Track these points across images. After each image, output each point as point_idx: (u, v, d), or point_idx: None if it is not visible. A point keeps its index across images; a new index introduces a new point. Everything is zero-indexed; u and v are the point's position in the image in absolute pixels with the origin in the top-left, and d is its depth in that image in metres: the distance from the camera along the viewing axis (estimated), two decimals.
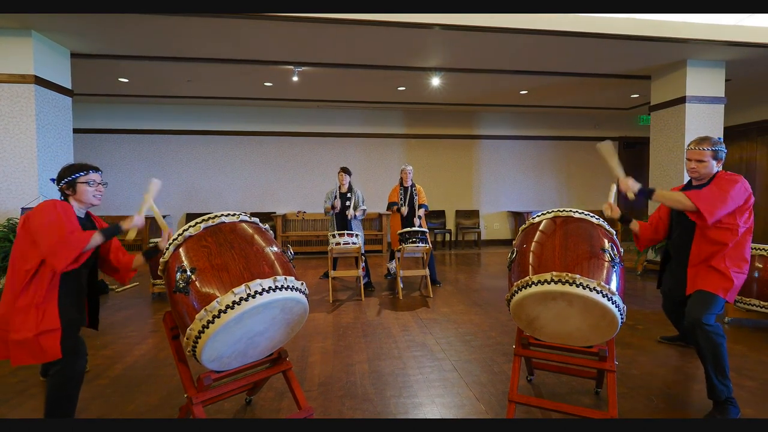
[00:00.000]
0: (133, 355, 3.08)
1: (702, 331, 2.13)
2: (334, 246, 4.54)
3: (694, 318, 2.15)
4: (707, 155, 2.23)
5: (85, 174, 2.00)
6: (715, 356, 2.13)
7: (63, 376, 1.87)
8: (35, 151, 4.42)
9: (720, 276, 2.19)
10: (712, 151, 2.22)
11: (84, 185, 1.99)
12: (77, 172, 1.98)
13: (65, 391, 1.88)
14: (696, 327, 2.15)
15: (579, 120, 9.12)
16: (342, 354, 3.09)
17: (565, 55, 5.22)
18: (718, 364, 2.13)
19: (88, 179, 2.00)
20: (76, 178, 1.98)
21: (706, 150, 2.22)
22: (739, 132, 7.79)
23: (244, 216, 1.90)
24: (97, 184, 2.04)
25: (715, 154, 2.24)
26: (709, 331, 2.12)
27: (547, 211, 2.13)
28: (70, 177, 1.98)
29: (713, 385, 2.16)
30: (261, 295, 1.61)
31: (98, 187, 2.04)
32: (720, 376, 2.14)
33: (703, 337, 2.13)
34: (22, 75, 4.36)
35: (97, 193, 2.04)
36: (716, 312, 2.18)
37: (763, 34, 4.68)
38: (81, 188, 1.99)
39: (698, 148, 2.25)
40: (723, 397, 2.15)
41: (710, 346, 2.12)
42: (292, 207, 8.28)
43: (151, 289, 4.79)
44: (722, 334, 2.14)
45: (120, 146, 7.82)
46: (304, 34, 4.50)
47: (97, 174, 2.05)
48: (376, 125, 8.53)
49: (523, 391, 2.43)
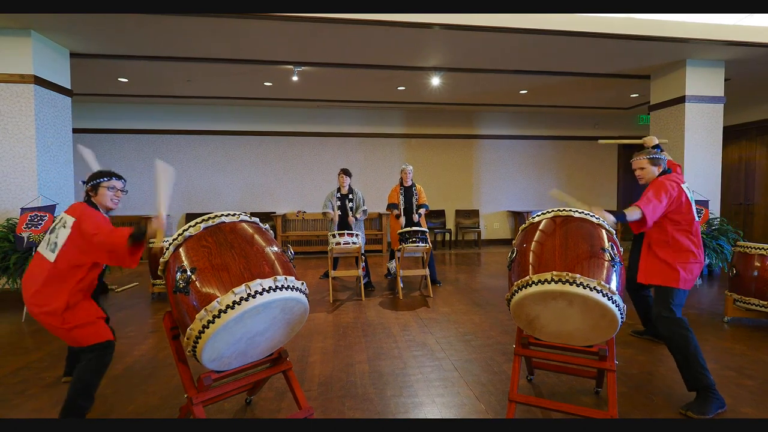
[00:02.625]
0: (133, 355, 3.08)
1: (663, 325, 2.33)
2: (334, 246, 4.54)
3: (656, 313, 2.38)
4: (645, 163, 2.58)
5: (108, 180, 2.21)
6: (680, 348, 2.26)
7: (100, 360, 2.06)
8: (34, 151, 4.42)
9: (668, 268, 2.40)
10: (648, 159, 2.57)
11: (105, 189, 2.20)
12: (103, 177, 2.21)
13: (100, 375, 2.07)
14: (658, 321, 2.36)
15: (579, 120, 9.12)
16: (342, 354, 3.09)
17: (565, 55, 5.22)
18: (687, 355, 2.25)
19: (110, 185, 2.21)
20: (100, 183, 2.20)
21: (643, 159, 2.59)
22: (739, 131, 7.80)
23: (244, 216, 1.90)
24: (117, 191, 2.24)
25: (652, 162, 2.56)
26: (670, 324, 2.30)
27: (547, 210, 2.13)
28: (96, 181, 2.20)
29: (685, 377, 2.28)
30: (261, 294, 1.61)
31: (117, 193, 2.24)
32: (692, 367, 2.23)
33: (666, 331, 2.31)
34: (21, 75, 4.35)
35: (115, 198, 2.24)
36: (678, 304, 2.36)
37: (762, 33, 4.69)
38: (102, 192, 2.20)
39: (637, 158, 2.62)
40: (699, 386, 2.23)
41: (675, 338, 2.28)
42: (292, 207, 8.28)
43: (151, 289, 4.78)
44: (686, 327, 2.29)
45: (119, 146, 7.82)
46: (304, 34, 4.50)
47: (120, 182, 2.25)
48: (376, 125, 8.54)
49: (523, 391, 2.44)
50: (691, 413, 2.18)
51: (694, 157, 5.51)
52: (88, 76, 5.88)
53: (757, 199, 7.55)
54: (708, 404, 2.19)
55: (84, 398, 2.02)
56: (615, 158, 9.38)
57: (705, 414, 2.16)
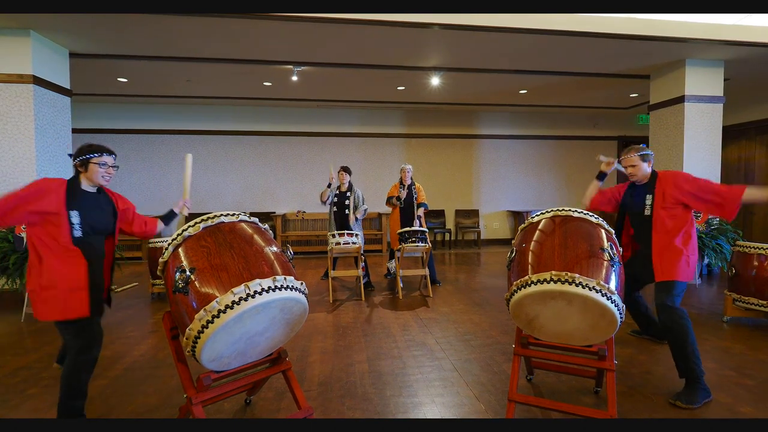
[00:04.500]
0: (132, 355, 3.08)
1: (667, 315, 2.39)
2: (334, 246, 4.54)
3: (660, 303, 2.45)
4: (637, 160, 2.65)
5: (99, 155, 2.10)
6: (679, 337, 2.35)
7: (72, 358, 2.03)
8: (34, 151, 4.41)
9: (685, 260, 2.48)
10: (639, 156, 2.64)
11: (95, 166, 2.09)
12: (93, 153, 2.09)
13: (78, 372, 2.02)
14: (661, 311, 2.43)
15: (578, 119, 9.12)
16: (342, 354, 3.09)
17: (565, 55, 5.22)
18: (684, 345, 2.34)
19: (101, 161, 2.10)
20: (90, 158, 2.08)
21: (634, 156, 2.64)
22: (738, 131, 7.80)
23: (243, 216, 1.90)
24: (108, 167, 2.14)
25: (643, 158, 2.64)
26: (673, 314, 2.38)
27: (547, 210, 2.14)
28: (85, 156, 2.08)
29: (679, 365, 2.38)
30: (260, 294, 1.61)
31: (109, 170, 2.14)
32: (687, 357, 2.33)
33: (668, 320, 2.39)
34: (20, 75, 4.35)
35: (107, 174, 2.14)
36: (680, 294, 2.47)
37: (761, 33, 4.69)
38: (93, 168, 2.09)
39: (628, 156, 2.68)
40: (691, 375, 2.33)
41: (675, 328, 2.36)
42: (291, 207, 8.28)
43: (150, 289, 4.79)
44: (686, 318, 2.39)
45: (119, 146, 7.80)
46: (303, 34, 4.50)
47: (111, 157, 2.15)
48: (375, 125, 8.53)
49: (522, 391, 2.44)
50: (679, 402, 2.27)
51: (693, 156, 5.51)
52: (87, 76, 5.88)
53: None
54: (696, 394, 2.29)
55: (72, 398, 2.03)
56: (615, 157, 9.35)
57: (693, 403, 2.26)
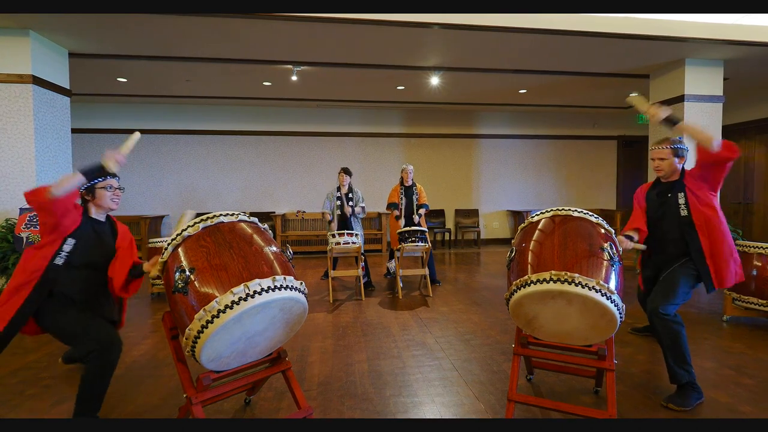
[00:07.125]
0: (132, 355, 3.08)
1: (660, 320, 2.26)
2: (333, 246, 4.53)
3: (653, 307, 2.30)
4: (668, 153, 2.37)
5: (103, 180, 2.11)
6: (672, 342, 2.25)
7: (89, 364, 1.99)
8: (33, 151, 4.41)
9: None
10: (671, 149, 2.36)
11: (102, 190, 2.11)
12: (96, 179, 2.08)
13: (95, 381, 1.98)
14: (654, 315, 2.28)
15: (578, 119, 9.12)
16: (341, 354, 3.09)
17: (564, 55, 5.22)
18: (677, 350, 2.25)
19: (106, 185, 2.12)
20: (95, 184, 2.09)
21: (666, 148, 2.37)
22: (738, 130, 7.80)
23: (242, 216, 1.90)
24: (115, 189, 2.15)
25: (675, 152, 2.37)
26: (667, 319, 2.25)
27: (546, 210, 2.13)
28: (89, 183, 2.08)
29: (670, 370, 2.28)
30: (260, 294, 1.61)
31: (116, 192, 2.16)
32: (679, 362, 2.25)
33: (662, 325, 2.26)
34: (19, 75, 4.35)
35: (115, 197, 2.16)
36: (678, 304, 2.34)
37: (761, 33, 4.69)
38: (100, 193, 2.11)
39: (659, 147, 2.39)
40: (683, 381, 2.26)
41: (669, 333, 2.25)
42: (291, 207, 8.28)
43: (150, 289, 4.78)
44: (681, 322, 2.26)
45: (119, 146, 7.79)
46: (303, 34, 4.49)
47: (114, 180, 2.16)
48: (375, 125, 8.53)
49: (522, 390, 2.44)
50: (672, 405, 2.23)
51: (693, 156, 5.51)
52: (87, 76, 5.87)
53: (756, 198, 7.55)
54: (688, 397, 2.25)
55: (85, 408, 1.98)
56: (614, 157, 9.38)
57: (686, 406, 2.22)
